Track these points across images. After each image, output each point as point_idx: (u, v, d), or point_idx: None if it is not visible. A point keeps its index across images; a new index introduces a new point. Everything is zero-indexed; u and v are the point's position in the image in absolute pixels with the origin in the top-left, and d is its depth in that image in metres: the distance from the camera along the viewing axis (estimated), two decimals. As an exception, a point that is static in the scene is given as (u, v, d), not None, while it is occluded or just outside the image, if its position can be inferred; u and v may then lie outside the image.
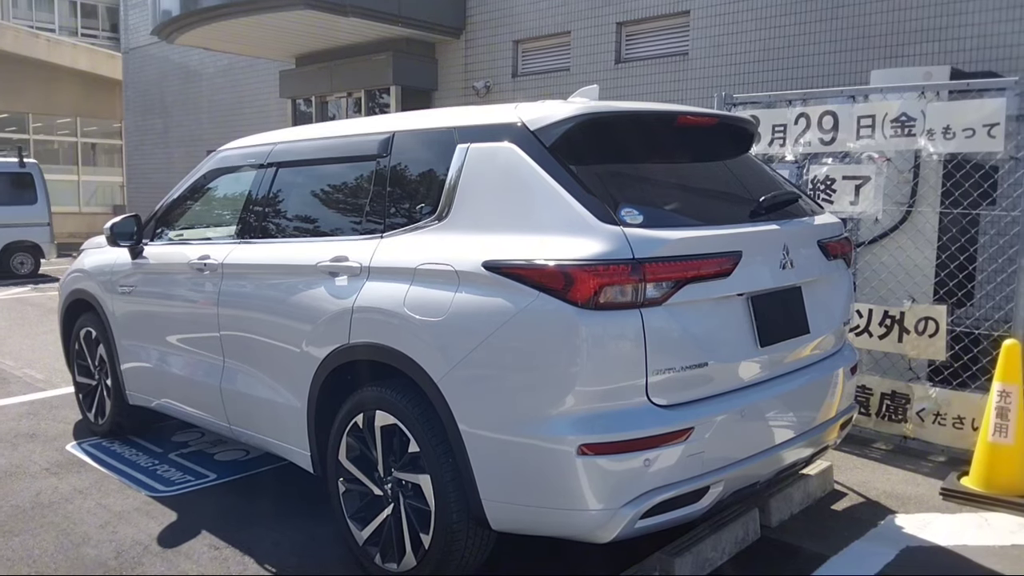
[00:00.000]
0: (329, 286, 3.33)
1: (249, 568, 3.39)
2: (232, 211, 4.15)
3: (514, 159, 2.90)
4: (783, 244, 3.06)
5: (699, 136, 3.31)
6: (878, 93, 4.70)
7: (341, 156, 3.62)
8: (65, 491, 4.22)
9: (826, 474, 4.15)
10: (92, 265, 5.03)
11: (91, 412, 5.19)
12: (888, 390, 4.74)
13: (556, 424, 2.61)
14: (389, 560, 3.16)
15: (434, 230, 3.06)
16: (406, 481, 3.07)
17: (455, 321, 2.82)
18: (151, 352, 4.51)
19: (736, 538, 3.49)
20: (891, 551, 3.49)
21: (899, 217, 4.79)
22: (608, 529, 2.64)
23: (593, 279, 2.56)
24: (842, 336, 3.52)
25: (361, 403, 3.20)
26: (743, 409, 2.87)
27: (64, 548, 3.56)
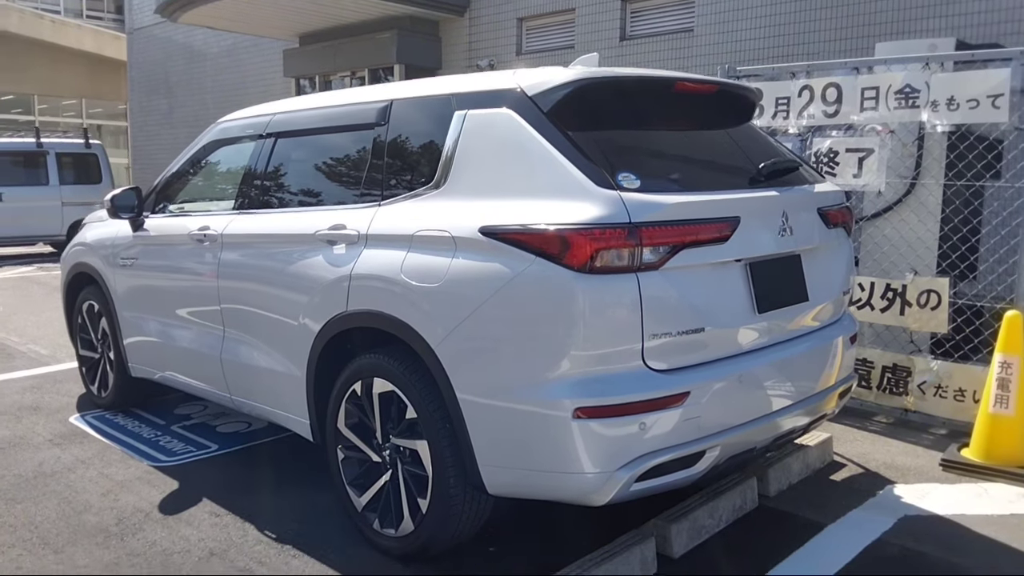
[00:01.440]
0: (327, 254, 3.33)
1: (249, 534, 3.41)
2: (232, 182, 4.15)
3: (512, 125, 2.89)
4: (782, 211, 3.05)
5: (699, 104, 3.29)
6: (882, 65, 4.65)
7: (339, 125, 3.61)
8: (68, 461, 4.25)
9: (825, 445, 4.15)
10: (94, 238, 5.04)
11: (94, 385, 5.22)
12: (889, 363, 4.73)
13: (552, 388, 2.61)
14: (387, 526, 3.17)
15: (432, 197, 3.06)
16: (404, 447, 3.08)
17: (452, 287, 2.82)
18: (152, 324, 4.53)
19: (733, 506, 3.50)
20: (889, 519, 3.50)
21: (903, 190, 4.76)
22: (603, 492, 2.64)
23: (589, 243, 2.55)
24: (842, 305, 3.51)
25: (359, 371, 3.21)
26: (740, 375, 2.87)
27: (66, 515, 3.59)
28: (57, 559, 3.21)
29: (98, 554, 3.25)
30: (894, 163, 4.68)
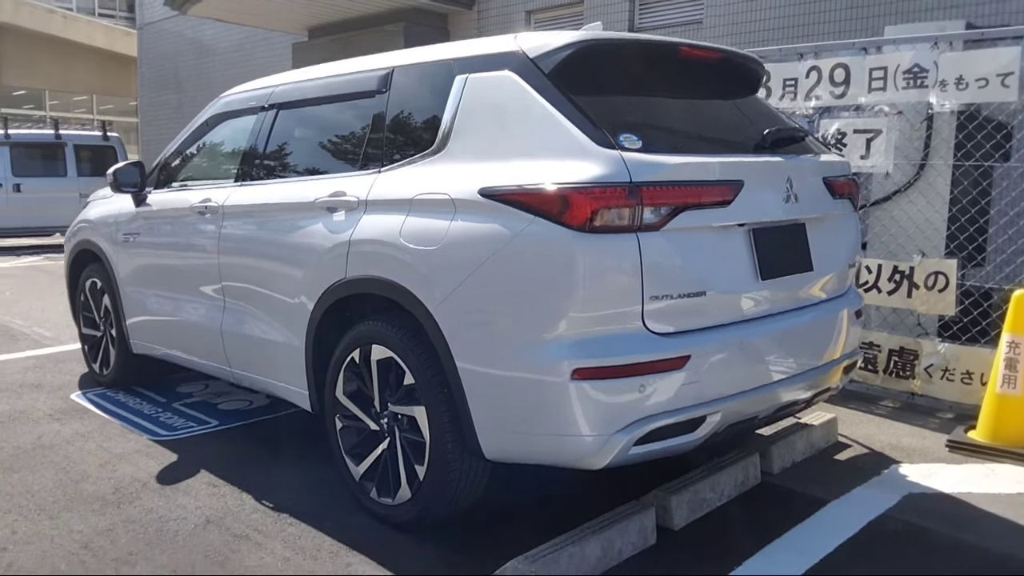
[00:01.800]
0: (327, 222, 3.31)
1: (246, 503, 3.39)
2: (234, 155, 4.13)
3: (513, 87, 2.86)
4: (787, 177, 3.01)
5: (704, 71, 3.25)
6: (891, 45, 4.61)
7: (341, 94, 3.59)
8: (67, 434, 4.23)
9: (830, 425, 4.10)
10: (97, 216, 5.04)
11: (96, 363, 5.21)
12: (896, 346, 4.68)
13: (550, 349, 2.57)
14: (384, 494, 3.14)
15: (432, 161, 3.03)
16: (402, 415, 3.05)
17: (450, 249, 2.79)
18: (153, 298, 4.51)
19: (735, 481, 3.45)
20: (894, 496, 3.45)
21: (912, 174, 4.71)
22: (601, 456, 2.61)
23: (589, 202, 2.52)
24: (847, 279, 3.46)
25: (357, 338, 3.18)
26: (742, 342, 2.83)
27: (63, 484, 3.58)
28: (52, 524, 3.19)
29: (94, 520, 3.23)
30: (902, 145, 4.64)
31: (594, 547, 2.80)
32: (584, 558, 2.76)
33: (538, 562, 2.64)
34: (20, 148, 13.81)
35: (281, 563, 2.90)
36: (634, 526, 2.96)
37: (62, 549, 3.00)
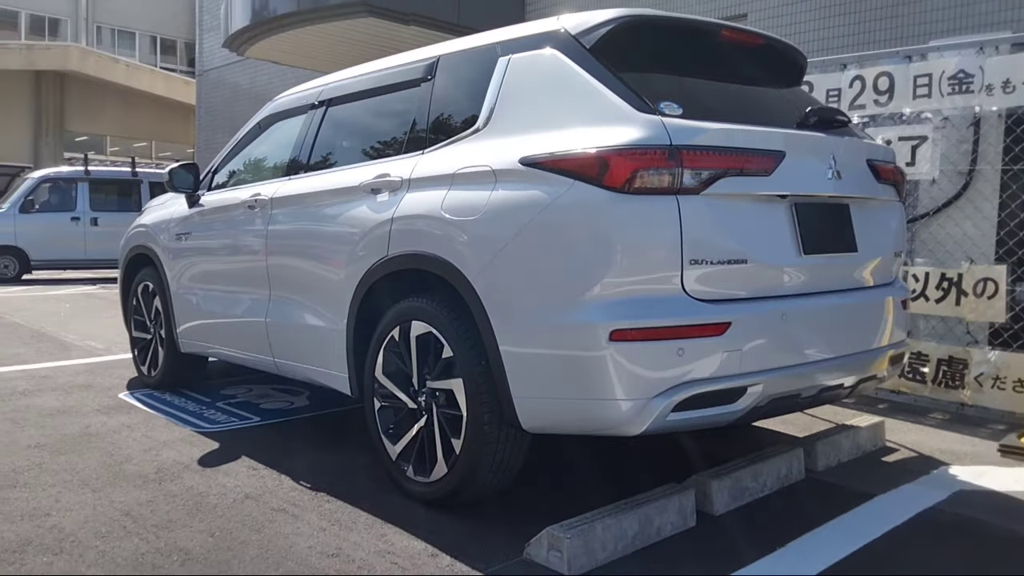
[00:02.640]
0: (371, 203, 3.38)
1: (284, 483, 3.41)
2: (285, 153, 4.24)
3: (555, 63, 2.92)
4: (830, 154, 3.00)
5: (747, 55, 3.28)
6: (935, 51, 4.60)
7: (388, 85, 3.69)
8: (113, 425, 4.31)
9: (877, 428, 4.00)
10: (152, 220, 5.20)
11: (145, 365, 5.31)
12: (945, 355, 4.57)
13: (588, 310, 2.58)
14: (421, 473, 3.14)
15: (475, 139, 3.09)
16: (439, 391, 3.06)
17: (490, 217, 2.83)
18: (202, 295, 4.62)
19: (779, 473, 3.38)
20: (942, 493, 3.34)
21: (960, 183, 4.65)
22: (638, 422, 2.58)
23: (628, 163, 2.54)
24: (894, 267, 3.41)
25: (398, 315, 3.21)
26: (784, 313, 2.80)
27: (107, 465, 3.64)
28: (95, 496, 3.24)
29: (135, 494, 3.27)
30: (949, 151, 4.59)
31: (631, 521, 2.76)
32: (621, 531, 2.72)
33: (573, 530, 2.61)
34: (99, 184, 14.46)
35: (317, 532, 2.90)
36: (673, 505, 2.91)
37: (104, 515, 3.04)
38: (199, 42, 21.18)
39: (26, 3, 28.90)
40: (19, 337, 7.41)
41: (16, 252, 13.94)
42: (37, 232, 13.96)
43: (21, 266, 14.04)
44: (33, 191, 14.28)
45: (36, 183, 14.45)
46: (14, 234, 13.88)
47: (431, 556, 2.70)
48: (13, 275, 13.96)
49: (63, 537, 2.83)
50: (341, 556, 2.70)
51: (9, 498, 3.19)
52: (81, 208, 14.27)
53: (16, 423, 4.30)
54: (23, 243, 13.93)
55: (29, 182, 14.56)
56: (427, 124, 3.36)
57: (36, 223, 14.02)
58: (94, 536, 2.85)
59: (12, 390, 5.09)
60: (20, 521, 2.97)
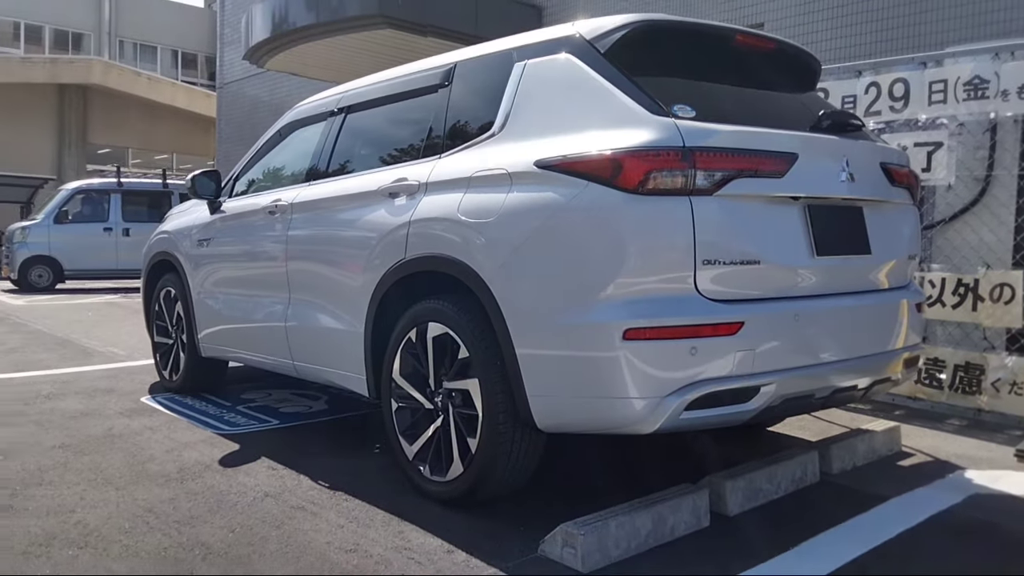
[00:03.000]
0: (388, 207, 3.43)
1: (303, 483, 3.46)
2: (305, 159, 4.31)
3: (570, 67, 2.97)
4: (843, 156, 3.02)
5: (761, 59, 3.32)
6: (950, 57, 4.62)
7: (406, 91, 3.76)
8: (136, 427, 4.39)
9: (892, 433, 4.00)
10: (174, 227, 5.29)
11: (166, 370, 5.39)
12: (961, 361, 4.55)
13: (601, 310, 2.61)
14: (437, 472, 3.18)
15: (491, 143, 3.14)
16: (455, 391, 3.10)
17: (505, 219, 2.88)
18: (223, 299, 4.69)
19: (793, 476, 3.40)
20: (958, 496, 3.34)
21: (976, 189, 4.65)
22: (651, 421, 2.61)
23: (642, 164, 2.58)
24: (908, 271, 3.43)
25: (414, 317, 3.26)
26: (797, 314, 2.83)
27: (130, 464, 3.70)
28: (119, 494, 3.30)
29: (157, 491, 3.33)
30: (965, 157, 4.60)
31: (644, 519, 2.78)
32: (634, 529, 2.74)
33: (588, 527, 2.64)
34: (130, 195, 14.77)
35: (336, 529, 2.95)
36: (687, 505, 2.93)
37: (127, 512, 3.10)
38: (219, 55, 21.45)
39: (50, 18, 29.40)
40: (43, 344, 7.53)
41: (50, 262, 14.30)
42: (70, 242, 14.31)
43: (55, 275, 14.39)
44: (67, 202, 14.65)
45: (70, 194, 14.81)
46: (48, 244, 14.25)
47: (447, 552, 2.74)
48: (47, 284, 14.30)
49: (88, 532, 2.89)
50: (359, 551, 2.74)
51: (35, 495, 3.26)
52: (113, 219, 14.61)
53: (41, 425, 4.39)
54: (57, 253, 14.27)
55: (63, 193, 14.93)
56: (444, 129, 3.42)
57: (70, 233, 14.37)
58: (118, 531, 2.90)
59: (37, 394, 5.19)
60: (46, 517, 3.03)
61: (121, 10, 31.00)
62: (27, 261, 14.14)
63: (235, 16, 19.04)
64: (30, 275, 14.18)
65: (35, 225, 14.43)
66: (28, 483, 3.41)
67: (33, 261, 14.18)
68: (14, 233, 14.56)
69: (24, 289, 14.12)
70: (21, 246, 14.21)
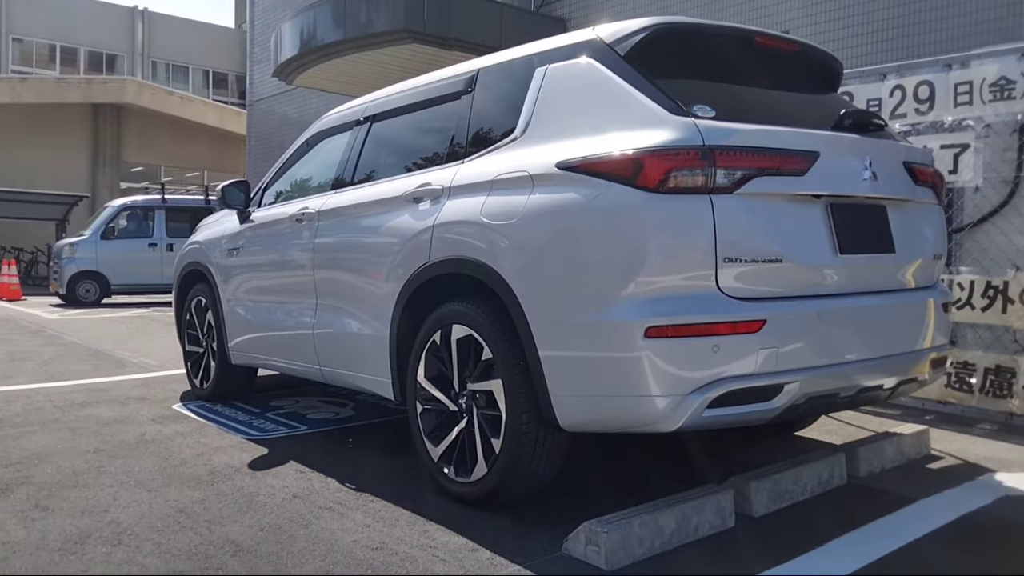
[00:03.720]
0: (412, 211, 3.48)
1: (331, 485, 3.50)
2: (332, 167, 4.39)
3: (591, 71, 3.01)
4: (865, 155, 3.02)
5: (782, 61, 3.33)
6: (975, 59, 4.59)
7: (430, 99, 3.81)
8: (167, 433, 4.46)
9: (921, 436, 3.96)
10: (205, 237, 5.39)
11: (197, 378, 5.47)
12: (992, 364, 4.50)
13: (623, 308, 2.63)
14: (462, 474, 3.20)
15: (513, 147, 3.18)
16: (479, 392, 3.13)
17: (527, 220, 2.91)
18: (252, 307, 4.76)
19: (819, 478, 3.38)
20: (987, 497, 3.31)
21: (1006, 192, 4.61)
22: (674, 418, 2.62)
23: (662, 163, 2.60)
24: (934, 271, 3.41)
25: (439, 320, 3.30)
26: (821, 312, 2.83)
27: (162, 468, 3.77)
28: (151, 495, 3.36)
29: (188, 493, 3.39)
30: (992, 159, 4.56)
31: (668, 518, 2.78)
32: (658, 528, 2.75)
33: (611, 525, 2.65)
34: (174, 212, 15.14)
35: (362, 528, 2.98)
36: (711, 504, 2.93)
37: (159, 512, 3.16)
38: (249, 73, 21.79)
39: (85, 40, 30.05)
40: (77, 355, 7.67)
41: (97, 277, 14.70)
42: (117, 258, 14.72)
43: (102, 290, 14.75)
44: (113, 219, 15.06)
45: (116, 211, 15.22)
46: (96, 260, 14.66)
47: (471, 551, 2.76)
48: (94, 299, 14.66)
49: (121, 531, 2.95)
50: (385, 549, 2.77)
51: (71, 496, 3.33)
52: (158, 235, 15.02)
53: (75, 431, 4.48)
54: (104, 268, 14.68)
55: (110, 210, 15.35)
56: (467, 135, 3.46)
57: (116, 249, 14.78)
58: (150, 530, 2.96)
59: (71, 402, 5.29)
60: (81, 517, 3.10)
61: (154, 32, 31.62)
62: (75, 276, 14.53)
63: (264, 35, 19.35)
64: (78, 290, 14.56)
65: (83, 241, 14.83)
66: (63, 485, 3.48)
67: (81, 276, 14.58)
68: (62, 249, 14.95)
69: (71, 303, 14.47)
70: (69, 261, 14.61)
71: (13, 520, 3.05)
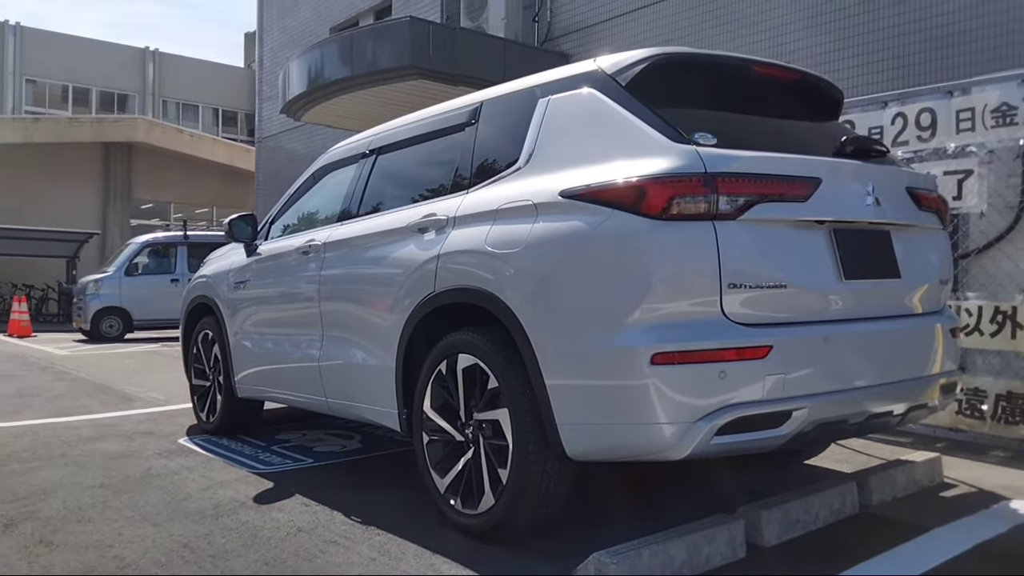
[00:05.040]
0: (418, 242, 3.49)
1: (336, 518, 3.47)
2: (336, 200, 4.41)
3: (593, 101, 3.03)
4: (868, 181, 3.02)
5: (781, 89, 3.35)
6: (976, 86, 4.61)
7: (435, 131, 3.84)
8: (173, 467, 4.45)
9: (933, 463, 3.91)
10: (212, 271, 5.42)
11: (203, 412, 5.46)
12: (1003, 391, 4.46)
13: (629, 335, 2.62)
14: (469, 505, 3.17)
15: (516, 177, 3.19)
16: (486, 421, 3.11)
17: (532, 249, 2.91)
18: (258, 339, 4.77)
19: (831, 506, 3.33)
20: (1003, 526, 3.26)
21: (1012, 218, 4.60)
22: (682, 446, 2.59)
23: (665, 191, 2.61)
24: (941, 296, 3.39)
25: (444, 349, 3.29)
26: (827, 338, 2.81)
27: (167, 502, 3.75)
28: (155, 530, 3.34)
29: (193, 527, 3.37)
30: (996, 184, 4.56)
31: (679, 549, 2.75)
32: (668, 559, 2.71)
33: (620, 556, 2.61)
34: (196, 248, 15.22)
35: (368, 562, 2.95)
36: (722, 535, 2.89)
37: (163, 547, 3.13)
38: (258, 111, 22.04)
39: (97, 81, 30.51)
40: (84, 390, 7.68)
41: (121, 312, 14.89)
42: (140, 293, 14.91)
43: (125, 325, 14.90)
44: (137, 255, 15.28)
45: (140, 247, 15.45)
46: (119, 296, 14.87)
47: (479, 583, 2.73)
48: (117, 334, 14.79)
49: (125, 565, 2.93)
50: (390, 582, 2.74)
51: (75, 531, 3.31)
52: (180, 270, 15.19)
53: (81, 466, 4.46)
54: (127, 304, 14.88)
55: (133, 247, 15.58)
56: (471, 165, 3.49)
57: (139, 285, 14.99)
58: (154, 564, 2.94)
59: (78, 436, 5.29)
60: (85, 551, 3.08)
61: (164, 72, 32.08)
62: (99, 312, 14.72)
63: (273, 73, 19.61)
64: (102, 325, 14.73)
65: (107, 278, 15.05)
66: (68, 520, 3.46)
67: (105, 312, 14.78)
68: (87, 285, 15.12)
69: (95, 339, 14.58)
70: (94, 297, 14.80)
71: (17, 555, 3.04)
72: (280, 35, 20.28)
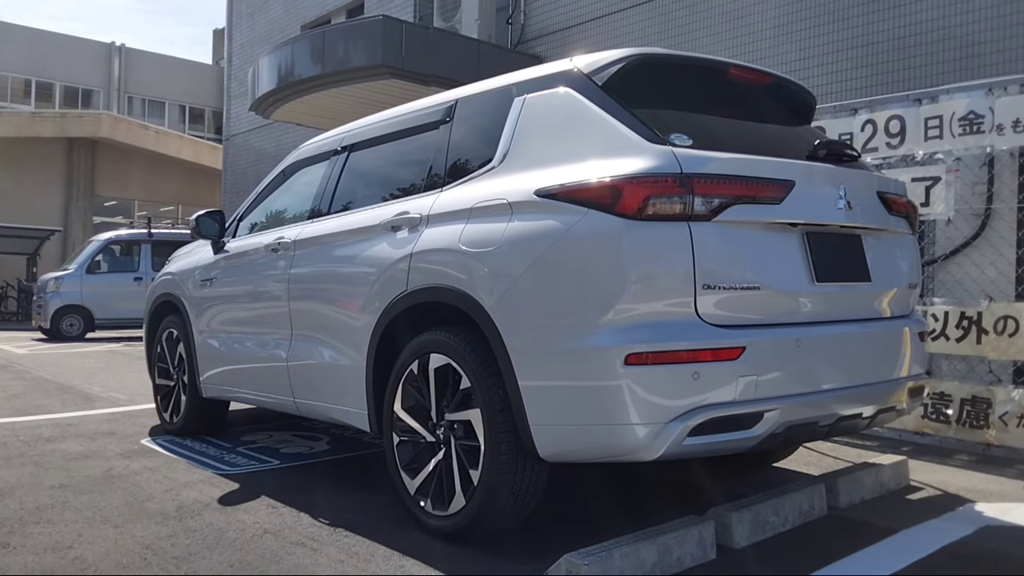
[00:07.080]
0: (390, 240, 3.45)
1: (304, 520, 3.42)
2: (308, 197, 4.35)
3: (568, 101, 3.02)
4: (839, 184, 3.04)
5: (757, 92, 3.37)
6: (945, 94, 4.68)
7: (409, 128, 3.80)
8: (135, 468, 4.35)
9: (900, 467, 3.96)
10: (178, 268, 5.32)
11: (167, 412, 5.35)
12: (968, 395, 4.52)
13: (602, 335, 2.61)
14: (439, 507, 3.14)
15: (491, 175, 3.17)
16: (457, 422, 3.08)
17: (506, 248, 2.89)
18: (225, 338, 4.68)
19: (800, 508, 3.35)
20: (969, 528, 3.29)
21: (977, 224, 4.67)
22: (654, 447, 2.58)
23: (640, 191, 2.60)
24: (910, 300, 3.42)
25: (416, 349, 3.25)
26: (799, 340, 2.82)
27: (129, 504, 3.66)
28: (117, 531, 3.26)
29: (155, 529, 3.29)
30: (963, 191, 4.63)
31: (650, 550, 2.74)
32: (640, 560, 2.70)
33: (591, 557, 2.59)
34: (160, 246, 14.90)
35: (336, 564, 2.90)
36: (692, 536, 2.88)
37: (124, 548, 3.06)
38: (226, 108, 21.79)
39: (61, 76, 29.96)
40: (45, 390, 7.51)
41: (82, 311, 14.54)
42: (101, 292, 14.56)
43: (86, 324, 14.56)
44: (99, 252, 14.94)
45: (102, 245, 15.10)
46: (81, 294, 14.52)
47: (449, 585, 2.69)
48: (78, 333, 14.44)
49: (85, 567, 2.85)
50: (359, 585, 2.70)
51: (33, 533, 3.22)
52: (143, 268, 14.84)
53: (40, 466, 4.35)
54: (88, 302, 14.53)
55: (95, 244, 15.22)
56: (446, 163, 3.45)
57: (101, 283, 14.65)
58: (115, 566, 2.86)
59: (37, 436, 5.16)
60: (44, 553, 2.99)
61: (130, 68, 31.60)
62: (59, 310, 14.36)
63: (242, 70, 19.40)
64: (62, 324, 14.38)
65: (68, 275, 14.68)
66: (26, 521, 3.37)
67: (65, 310, 14.42)
68: (47, 283, 14.76)
69: (54, 338, 14.24)
70: (54, 296, 14.44)
71: (-28, 558, 2.94)
72: (250, 31, 20.06)
